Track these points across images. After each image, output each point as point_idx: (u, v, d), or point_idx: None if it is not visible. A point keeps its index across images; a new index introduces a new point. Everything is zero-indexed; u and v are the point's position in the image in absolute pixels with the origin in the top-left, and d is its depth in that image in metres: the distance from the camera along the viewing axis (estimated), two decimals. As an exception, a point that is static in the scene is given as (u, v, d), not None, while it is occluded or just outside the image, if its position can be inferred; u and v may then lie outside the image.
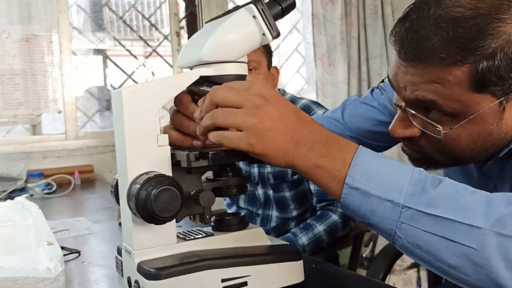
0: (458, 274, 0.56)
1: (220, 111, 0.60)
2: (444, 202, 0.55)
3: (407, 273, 2.75)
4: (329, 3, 2.93)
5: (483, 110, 0.65)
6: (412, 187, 0.56)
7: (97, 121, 2.70)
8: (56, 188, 1.94)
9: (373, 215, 0.57)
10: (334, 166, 0.58)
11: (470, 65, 0.63)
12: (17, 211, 1.00)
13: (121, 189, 0.66)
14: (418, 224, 0.55)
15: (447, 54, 0.63)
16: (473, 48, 0.62)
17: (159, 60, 2.85)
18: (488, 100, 0.65)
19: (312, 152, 0.58)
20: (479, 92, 0.65)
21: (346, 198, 0.58)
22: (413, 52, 0.66)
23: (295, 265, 0.68)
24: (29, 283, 0.60)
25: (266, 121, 0.58)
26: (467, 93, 0.65)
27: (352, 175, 0.57)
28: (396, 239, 0.57)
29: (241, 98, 0.59)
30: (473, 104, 0.65)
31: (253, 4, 0.67)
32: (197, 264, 0.62)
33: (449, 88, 0.65)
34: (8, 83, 2.29)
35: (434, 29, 0.64)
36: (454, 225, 0.54)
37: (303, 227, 1.53)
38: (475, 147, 0.70)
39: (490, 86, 0.64)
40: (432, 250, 0.56)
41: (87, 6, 2.74)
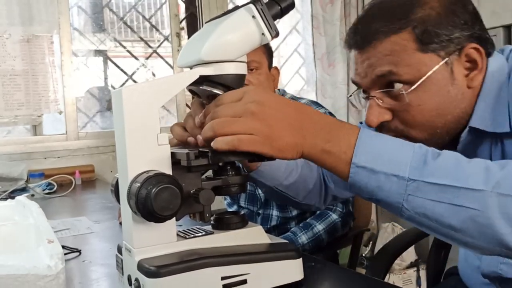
0: (464, 238, 0.59)
1: (221, 121, 0.61)
2: (446, 171, 0.58)
3: (407, 272, 2.75)
4: (329, 4, 2.94)
5: (434, 70, 0.75)
6: (415, 161, 0.60)
7: (98, 121, 2.71)
8: (56, 188, 1.95)
9: (380, 190, 0.61)
10: (340, 150, 0.62)
11: (408, 31, 0.75)
12: (17, 210, 1.01)
13: (122, 188, 0.66)
14: (424, 195, 0.58)
15: (387, 27, 0.76)
16: (406, 16, 0.75)
17: (160, 61, 2.86)
18: (435, 60, 0.75)
19: (317, 139, 0.62)
20: (424, 52, 0.75)
21: (353, 177, 0.61)
22: (362, 39, 0.79)
23: (294, 263, 0.68)
24: (29, 280, 0.60)
25: (269, 121, 0.60)
26: (414, 55, 0.75)
27: (358, 155, 0.61)
28: (403, 211, 0.60)
29: (238, 111, 0.61)
30: (423, 65, 0.75)
31: (252, 4, 0.68)
32: (197, 262, 0.63)
33: (398, 56, 0.75)
34: (9, 83, 2.29)
35: (373, 15, 0.79)
36: (458, 191, 0.57)
37: (303, 226, 1.54)
38: (441, 111, 0.77)
39: (430, 44, 0.74)
40: (439, 217, 0.59)
41: (87, 7, 2.75)
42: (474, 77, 0.77)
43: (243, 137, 0.60)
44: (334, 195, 1.06)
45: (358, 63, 0.81)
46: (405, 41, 0.75)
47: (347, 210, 1.59)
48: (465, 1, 0.79)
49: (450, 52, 0.75)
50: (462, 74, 0.77)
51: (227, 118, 0.61)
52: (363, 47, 0.79)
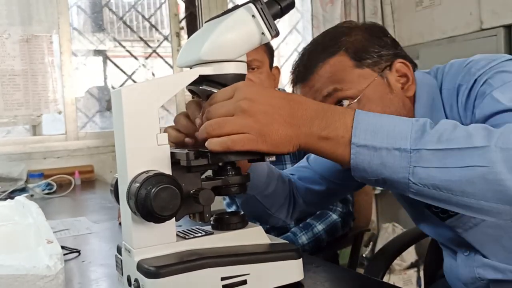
0: (478, 203, 0.58)
1: (214, 123, 0.61)
2: (447, 136, 0.58)
3: (407, 272, 2.75)
4: (329, 3, 2.94)
5: (371, 83, 0.83)
6: (415, 132, 0.59)
7: (97, 121, 2.71)
8: (56, 188, 1.95)
9: (384, 167, 0.60)
10: (337, 134, 0.61)
11: (342, 53, 0.85)
12: (17, 210, 1.01)
13: (121, 188, 0.66)
14: (429, 163, 0.58)
15: (323, 54, 0.85)
16: (337, 43, 0.86)
17: (159, 60, 2.85)
18: (371, 74, 0.84)
19: (313, 128, 0.61)
20: (361, 68, 0.84)
21: (355, 158, 0.60)
22: (304, 72, 0.87)
23: (294, 263, 0.68)
24: (28, 280, 0.60)
25: (260, 118, 0.60)
26: (353, 71, 0.84)
27: (357, 134, 0.60)
28: (411, 186, 0.59)
29: (229, 109, 0.61)
30: (363, 79, 0.83)
31: (252, 3, 0.68)
32: (196, 263, 0.62)
33: (339, 74, 0.83)
34: (8, 83, 2.29)
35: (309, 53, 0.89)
36: (462, 152, 0.57)
37: (303, 226, 1.53)
38: None
39: (364, 60, 0.84)
40: (448, 184, 0.58)
41: (87, 7, 2.75)
42: (408, 88, 0.86)
43: (236, 137, 0.60)
44: (301, 210, 1.08)
45: (306, 95, 0.87)
46: (342, 61, 0.84)
47: (347, 210, 1.59)
48: (384, 31, 0.91)
49: (382, 68, 0.85)
50: (397, 86, 0.86)
51: (219, 119, 0.61)
52: (306, 77, 0.87)
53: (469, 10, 2.51)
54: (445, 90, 0.85)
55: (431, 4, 2.75)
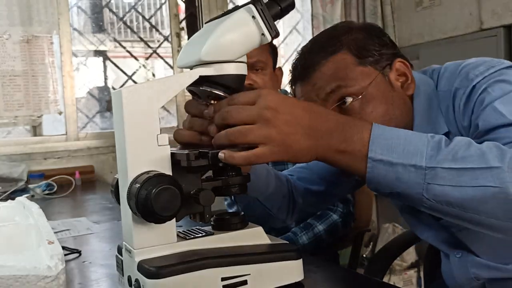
0: (488, 220, 0.60)
1: (236, 131, 0.61)
2: (461, 155, 0.60)
3: (408, 273, 2.75)
4: (329, 4, 2.94)
5: (374, 79, 0.83)
6: (430, 149, 0.61)
7: (98, 122, 2.71)
8: (56, 189, 1.95)
9: (399, 182, 0.61)
10: (354, 148, 0.63)
11: (344, 51, 0.84)
12: (17, 211, 1.01)
13: (121, 189, 0.66)
14: (443, 181, 0.59)
15: (324, 53, 0.85)
16: (339, 41, 0.85)
17: (160, 61, 2.86)
18: (374, 72, 0.84)
19: (331, 141, 0.63)
20: (363, 65, 0.84)
21: (371, 172, 0.62)
22: (305, 70, 0.86)
23: (294, 264, 0.68)
24: (30, 281, 0.60)
25: (283, 128, 0.61)
26: (356, 68, 0.83)
27: (374, 149, 0.62)
28: (424, 201, 0.61)
29: (252, 116, 0.61)
30: (366, 76, 0.83)
31: (252, 4, 0.68)
32: (197, 263, 0.62)
33: (342, 71, 0.83)
34: (8, 84, 2.29)
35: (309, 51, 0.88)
36: (476, 172, 0.59)
37: (303, 227, 1.54)
38: (391, 115, 0.83)
39: (366, 58, 0.84)
40: (461, 202, 0.59)
41: (87, 7, 2.75)
42: (408, 87, 0.87)
43: (259, 152, 0.61)
44: (301, 211, 1.08)
45: (308, 93, 0.86)
46: (345, 58, 0.84)
47: (347, 211, 1.59)
48: (382, 31, 0.91)
49: (383, 66, 0.85)
50: (397, 84, 0.86)
51: (242, 128, 0.61)
52: (308, 76, 0.86)
53: (469, 10, 2.51)
54: (440, 92, 0.86)
55: (431, 4, 2.75)
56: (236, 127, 0.62)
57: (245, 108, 0.63)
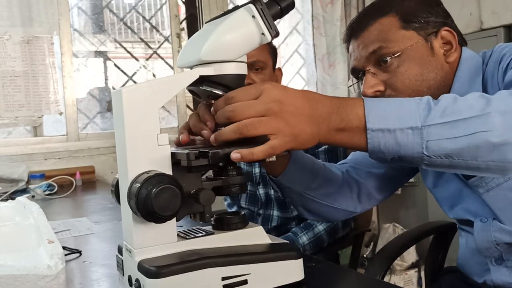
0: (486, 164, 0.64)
1: (248, 124, 0.63)
2: (451, 110, 0.65)
3: (408, 273, 2.74)
4: (329, 4, 2.94)
5: (415, 43, 0.91)
6: (422, 110, 0.66)
7: (98, 122, 2.71)
8: (57, 189, 1.95)
9: (399, 146, 0.66)
10: (352, 124, 0.67)
11: (392, 14, 0.93)
12: (18, 211, 1.01)
13: (122, 188, 0.66)
14: (440, 136, 0.64)
15: (375, 14, 0.94)
16: (390, 4, 0.94)
17: (160, 61, 2.86)
18: (415, 37, 0.92)
19: (330, 124, 0.67)
20: (407, 29, 0.92)
21: (372, 142, 0.66)
22: (357, 28, 0.96)
23: (295, 263, 0.68)
24: (29, 280, 0.60)
25: (290, 119, 0.64)
26: (398, 32, 0.92)
27: (370, 120, 0.66)
28: (425, 159, 0.66)
29: (260, 112, 0.64)
30: (407, 39, 0.92)
31: (252, 4, 0.68)
32: (197, 263, 0.62)
33: (386, 34, 0.92)
34: (9, 85, 2.30)
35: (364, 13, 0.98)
36: (467, 121, 0.64)
37: (304, 227, 1.54)
38: (424, 76, 0.91)
39: (411, 23, 0.92)
40: (459, 152, 0.64)
41: (87, 8, 2.75)
42: (450, 55, 0.94)
43: (275, 144, 0.63)
44: (369, 195, 1.05)
45: (355, 50, 0.97)
46: (390, 22, 0.92)
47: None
48: (437, 1, 0.98)
49: (429, 33, 0.93)
50: (440, 51, 0.93)
51: (253, 120, 0.63)
52: (358, 34, 0.96)
53: (469, 10, 2.51)
54: (491, 63, 0.91)
55: (431, 4, 2.75)
56: (247, 120, 0.63)
57: (251, 105, 0.64)
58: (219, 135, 0.66)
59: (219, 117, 0.66)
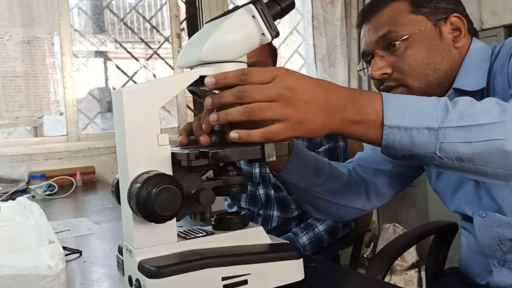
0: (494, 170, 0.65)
1: (256, 107, 0.62)
2: (468, 114, 0.65)
3: (408, 273, 2.74)
4: (329, 4, 2.94)
5: (423, 28, 0.93)
6: (440, 111, 0.66)
7: (99, 122, 2.71)
8: (57, 189, 1.95)
9: (413, 145, 0.66)
10: (369, 118, 0.66)
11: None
12: (18, 211, 1.01)
13: (122, 189, 0.66)
14: (455, 139, 0.64)
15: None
16: None
17: (160, 62, 2.86)
18: (425, 22, 0.93)
19: (345, 114, 0.66)
20: (416, 14, 0.94)
21: (387, 138, 0.66)
22: (369, 12, 0.99)
23: (295, 263, 0.68)
24: (30, 280, 0.60)
25: (300, 107, 0.63)
26: (408, 16, 0.94)
27: (388, 116, 0.66)
28: (436, 159, 0.66)
29: (272, 97, 0.62)
30: (416, 23, 0.93)
31: (252, 4, 0.68)
32: (197, 263, 0.62)
33: (395, 18, 0.94)
34: (9, 85, 2.30)
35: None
36: (482, 127, 0.64)
37: (304, 227, 1.54)
38: (431, 60, 0.93)
39: (421, 8, 0.93)
40: (471, 156, 0.65)
41: (88, 8, 2.76)
42: (458, 40, 0.95)
43: (275, 129, 0.62)
44: (378, 193, 1.05)
45: (366, 34, 0.99)
46: (401, 6, 0.94)
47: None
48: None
49: (438, 18, 0.94)
50: (448, 36, 0.94)
51: (261, 105, 0.62)
52: (369, 18, 0.98)
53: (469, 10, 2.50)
54: (502, 52, 0.91)
55: (431, 4, 2.75)
56: (255, 103, 0.62)
57: (263, 88, 0.63)
58: (225, 114, 0.63)
59: (227, 96, 0.63)
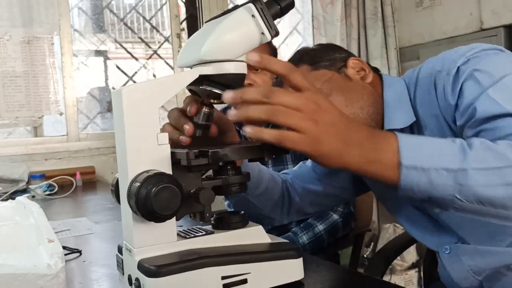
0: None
1: (282, 111, 0.60)
2: (485, 156, 0.63)
3: (408, 273, 2.74)
4: (329, 4, 2.94)
5: (330, 76, 0.95)
6: (457, 152, 0.63)
7: (98, 122, 2.71)
8: (57, 189, 1.95)
9: (432, 186, 0.63)
10: (386, 157, 0.64)
11: (302, 63, 0.98)
12: (18, 210, 1.01)
13: (122, 188, 0.66)
14: (474, 182, 0.62)
15: None
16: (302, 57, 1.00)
17: (160, 62, 2.86)
18: (328, 72, 0.96)
19: (362, 150, 0.63)
20: (317, 69, 0.96)
21: (405, 179, 0.63)
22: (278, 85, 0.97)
23: (294, 262, 0.68)
24: (29, 279, 0.60)
25: (322, 126, 0.61)
26: (311, 73, 0.96)
27: (406, 157, 0.63)
28: (456, 202, 0.63)
29: (297, 104, 0.60)
30: (320, 76, 0.95)
31: (252, 3, 0.68)
32: (197, 262, 0.62)
33: None
34: (9, 85, 2.30)
35: None
36: (502, 170, 0.62)
37: (304, 227, 1.54)
38: (353, 99, 0.92)
39: (319, 63, 0.97)
40: (492, 200, 0.62)
41: (88, 8, 2.76)
42: (366, 77, 0.97)
43: (291, 137, 0.60)
44: (298, 210, 1.09)
45: None
46: (303, 69, 0.96)
47: (348, 211, 1.59)
48: (334, 44, 1.06)
49: (338, 67, 0.97)
50: (356, 76, 0.96)
51: (287, 109, 0.60)
52: None
53: (469, 10, 2.51)
54: (421, 79, 0.90)
55: (431, 4, 2.75)
56: (279, 106, 0.60)
57: (291, 93, 0.62)
58: (245, 111, 0.61)
59: (251, 93, 0.62)
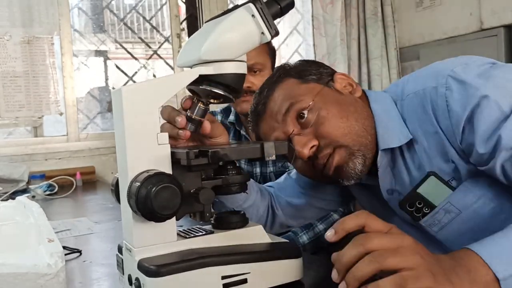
0: None
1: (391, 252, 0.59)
2: None
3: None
4: (329, 4, 2.94)
5: (320, 89, 0.90)
6: None
7: (99, 122, 2.71)
8: (57, 189, 1.95)
9: None
10: (481, 274, 0.60)
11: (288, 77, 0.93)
12: (18, 210, 1.01)
13: (122, 187, 0.67)
14: None
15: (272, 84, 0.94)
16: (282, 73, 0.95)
17: (160, 62, 2.86)
18: (317, 86, 0.91)
19: (464, 281, 0.60)
20: (306, 83, 0.92)
21: None
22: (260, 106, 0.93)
23: (294, 262, 0.68)
24: (29, 278, 0.60)
25: (426, 257, 0.59)
26: (300, 86, 0.91)
27: (498, 270, 0.60)
28: None
29: (399, 243, 0.60)
30: (310, 89, 0.90)
31: (252, 3, 0.68)
32: (197, 261, 0.62)
33: (291, 92, 0.90)
34: (9, 85, 2.30)
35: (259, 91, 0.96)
36: None
37: (304, 226, 1.53)
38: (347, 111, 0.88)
39: (307, 77, 0.92)
40: None
41: (88, 8, 2.76)
42: (355, 91, 0.94)
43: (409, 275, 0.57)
44: (281, 223, 1.10)
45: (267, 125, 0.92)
46: (289, 82, 0.92)
47: (348, 211, 1.59)
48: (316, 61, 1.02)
49: (326, 81, 0.93)
50: (345, 90, 0.93)
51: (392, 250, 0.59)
52: (264, 110, 0.92)
53: (469, 10, 2.51)
54: (409, 95, 0.88)
55: (431, 4, 2.75)
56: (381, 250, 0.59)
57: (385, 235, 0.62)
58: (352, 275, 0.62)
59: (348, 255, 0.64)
